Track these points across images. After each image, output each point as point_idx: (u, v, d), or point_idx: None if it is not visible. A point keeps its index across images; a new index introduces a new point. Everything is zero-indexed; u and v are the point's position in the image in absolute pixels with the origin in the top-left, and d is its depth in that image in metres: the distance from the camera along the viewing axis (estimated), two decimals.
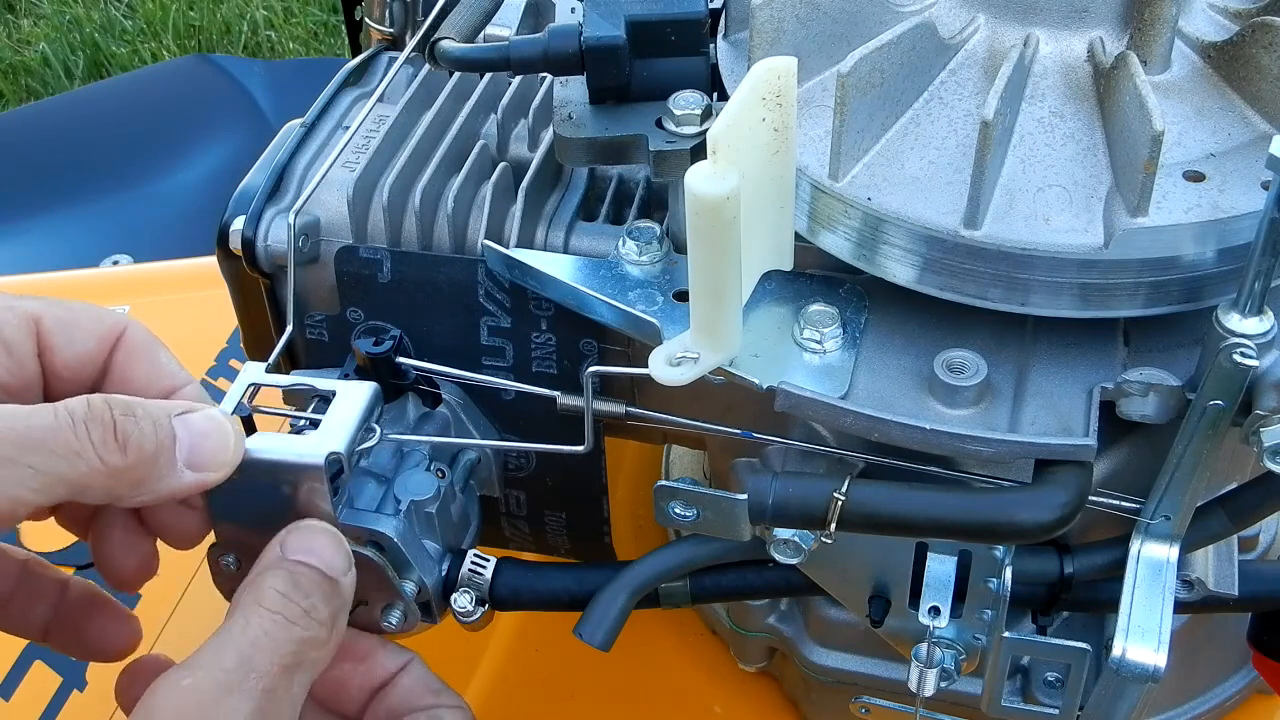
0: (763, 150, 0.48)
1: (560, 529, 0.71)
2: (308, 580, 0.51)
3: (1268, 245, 0.45)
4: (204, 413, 0.52)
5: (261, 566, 0.52)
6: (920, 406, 0.52)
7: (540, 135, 0.67)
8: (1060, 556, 0.57)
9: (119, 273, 1.39)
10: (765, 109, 0.47)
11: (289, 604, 0.50)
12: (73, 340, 0.55)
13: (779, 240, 0.54)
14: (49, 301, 0.56)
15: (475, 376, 0.62)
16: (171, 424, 0.50)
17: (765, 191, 0.50)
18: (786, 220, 0.53)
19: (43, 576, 0.60)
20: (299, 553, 0.52)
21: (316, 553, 0.52)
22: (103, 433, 0.48)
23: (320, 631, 0.51)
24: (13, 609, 0.59)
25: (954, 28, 0.57)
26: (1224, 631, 0.70)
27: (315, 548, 0.53)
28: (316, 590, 0.51)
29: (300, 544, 0.53)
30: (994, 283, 0.51)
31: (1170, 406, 0.51)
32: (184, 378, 0.56)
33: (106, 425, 0.48)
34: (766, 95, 0.47)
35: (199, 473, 0.51)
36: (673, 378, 0.51)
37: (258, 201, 0.64)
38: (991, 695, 0.60)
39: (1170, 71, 0.55)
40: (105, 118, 1.95)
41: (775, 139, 0.48)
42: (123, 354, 0.56)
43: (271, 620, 0.49)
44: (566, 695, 0.80)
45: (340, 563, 0.53)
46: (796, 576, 0.59)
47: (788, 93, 0.47)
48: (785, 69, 0.47)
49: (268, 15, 3.03)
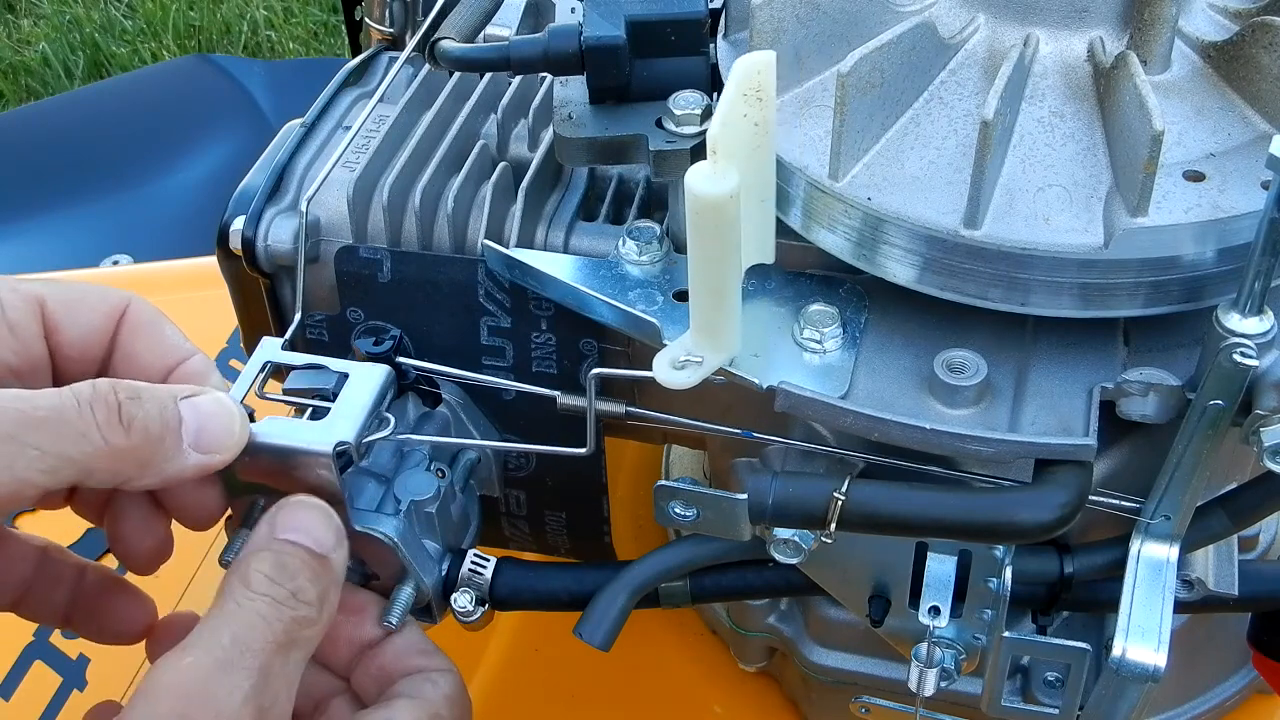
0: (746, 145, 0.48)
1: (560, 529, 0.71)
2: (294, 561, 0.52)
3: (1268, 245, 0.45)
4: (211, 396, 0.53)
5: (251, 546, 0.52)
6: (920, 406, 0.52)
7: (540, 135, 0.67)
8: (1060, 556, 0.57)
9: (119, 273, 1.39)
10: (747, 105, 0.47)
11: (275, 587, 0.51)
12: (77, 320, 0.56)
13: (762, 235, 0.54)
14: (53, 283, 0.56)
15: (475, 376, 0.62)
16: (177, 406, 0.51)
17: (748, 186, 0.50)
18: (769, 215, 0.53)
19: (61, 562, 0.60)
20: (288, 530, 0.52)
21: (305, 529, 0.53)
22: (107, 414, 0.49)
23: (309, 611, 0.51)
24: (33, 595, 0.59)
25: (954, 28, 0.57)
26: (1224, 631, 0.70)
27: (305, 524, 0.53)
28: (303, 570, 0.52)
29: (289, 521, 0.53)
30: (994, 283, 0.51)
31: (1170, 406, 0.51)
32: (189, 349, 0.57)
33: (111, 407, 0.49)
34: (748, 91, 0.47)
35: (205, 455, 0.52)
36: (678, 381, 0.51)
37: (258, 201, 0.64)
38: (991, 695, 0.60)
39: (1170, 71, 0.55)
40: (105, 118, 1.95)
41: (756, 134, 0.48)
42: (128, 330, 0.56)
43: (262, 601, 0.50)
44: (566, 695, 0.80)
45: (329, 538, 0.53)
46: (796, 576, 0.59)
47: (767, 87, 0.47)
48: (765, 63, 0.47)
49: (268, 15, 3.03)
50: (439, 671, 0.56)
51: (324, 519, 0.53)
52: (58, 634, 0.83)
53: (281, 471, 0.54)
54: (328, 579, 0.52)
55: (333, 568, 0.53)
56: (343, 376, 0.56)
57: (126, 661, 0.81)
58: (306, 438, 0.53)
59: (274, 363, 0.58)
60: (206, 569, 0.86)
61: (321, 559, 0.52)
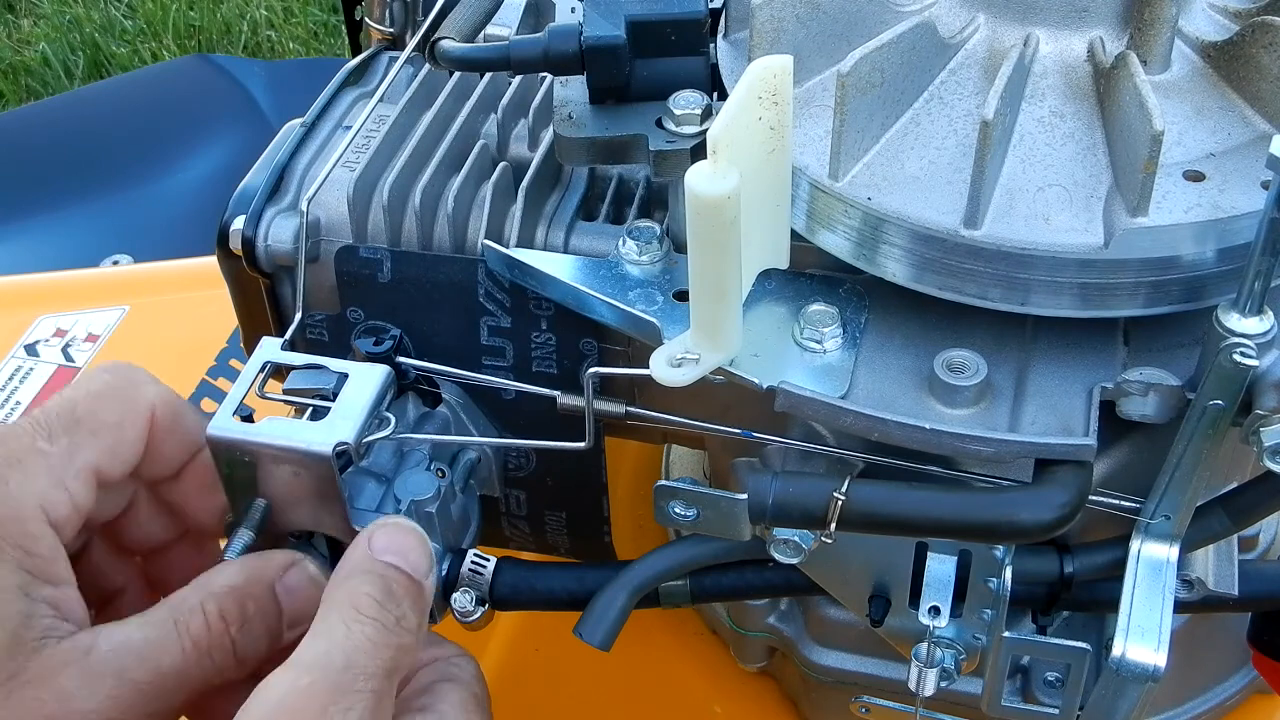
0: (760, 149, 0.48)
1: (560, 529, 0.71)
2: (399, 587, 0.51)
3: (1268, 245, 0.45)
4: (307, 573, 0.54)
5: (351, 566, 0.51)
6: (920, 406, 0.52)
7: (540, 135, 0.67)
8: (1060, 556, 0.57)
9: (119, 273, 1.39)
10: (762, 108, 0.47)
11: (384, 612, 0.49)
12: None
13: (776, 239, 0.54)
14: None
15: (475, 376, 0.62)
16: (282, 626, 0.54)
17: (762, 190, 0.50)
18: (783, 219, 0.53)
19: None
20: (388, 553, 0.51)
21: (404, 553, 0.52)
22: (224, 657, 0.51)
23: (410, 639, 0.50)
24: None
25: (954, 27, 0.57)
26: (1224, 631, 0.70)
27: (403, 547, 0.52)
28: (407, 597, 0.51)
29: (388, 543, 0.52)
30: (994, 282, 0.51)
31: (1170, 406, 0.51)
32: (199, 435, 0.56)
33: (226, 651, 0.51)
34: (763, 94, 0.47)
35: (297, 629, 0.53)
36: (674, 378, 0.51)
37: (258, 201, 0.64)
38: (991, 695, 0.60)
39: (1170, 71, 0.55)
40: (105, 118, 1.95)
41: (772, 137, 0.48)
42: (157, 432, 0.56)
43: (372, 625, 0.49)
44: (566, 695, 0.80)
45: (425, 564, 0.52)
46: (796, 576, 0.59)
47: (784, 91, 0.47)
48: (781, 67, 0.47)
49: (268, 15, 3.04)
50: (458, 655, 0.56)
51: (421, 543, 0.53)
52: None
53: (282, 471, 0.54)
54: (424, 605, 0.52)
55: (427, 594, 0.52)
56: (343, 376, 0.56)
57: None
58: (307, 438, 0.53)
59: (274, 363, 0.58)
60: None
61: (419, 585, 0.51)
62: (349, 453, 0.54)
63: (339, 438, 0.53)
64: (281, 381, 0.58)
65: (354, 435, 0.54)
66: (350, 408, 0.55)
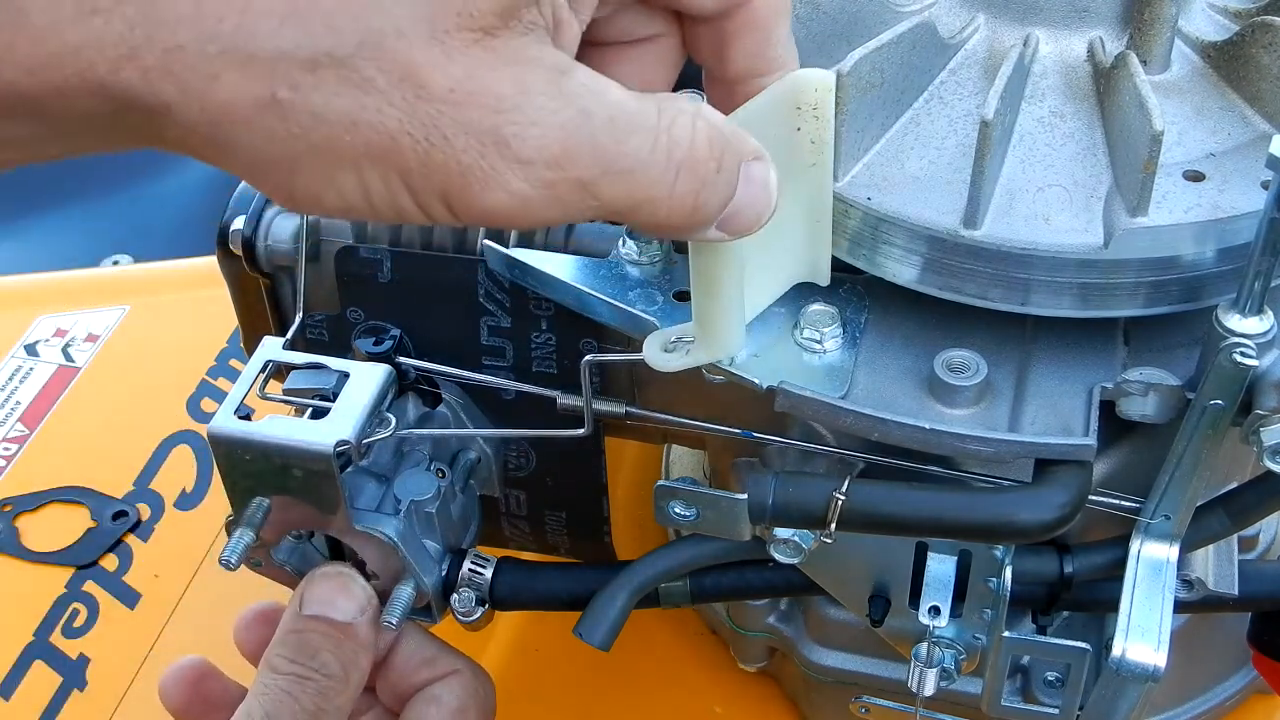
0: (797, 160, 0.48)
1: (560, 529, 0.71)
2: (315, 637, 0.55)
3: (1268, 245, 0.45)
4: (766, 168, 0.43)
5: (280, 628, 0.56)
6: (920, 406, 0.52)
7: None
8: (1060, 556, 0.57)
9: (119, 273, 1.40)
10: (801, 119, 0.47)
11: (297, 666, 0.54)
12: None
13: (814, 254, 0.53)
14: None
15: (475, 376, 0.62)
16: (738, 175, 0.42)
17: (798, 202, 0.50)
18: (823, 235, 0.52)
19: None
20: (311, 605, 0.56)
21: (327, 601, 0.56)
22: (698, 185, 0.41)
23: (333, 682, 0.54)
24: None
25: (954, 27, 0.57)
26: (1224, 631, 0.70)
27: (325, 596, 0.56)
28: (325, 644, 0.55)
29: (312, 595, 0.56)
30: (994, 282, 0.51)
31: (1170, 406, 0.51)
32: None
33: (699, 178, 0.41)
34: (803, 105, 0.46)
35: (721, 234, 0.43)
36: (665, 363, 0.51)
37: (258, 201, 0.64)
38: (991, 695, 0.60)
39: (1170, 71, 0.55)
40: None
41: (812, 151, 0.48)
42: None
43: (286, 679, 0.54)
44: (566, 695, 0.80)
45: (350, 606, 0.56)
46: (796, 576, 0.59)
47: (825, 107, 0.47)
48: (825, 84, 0.46)
49: None
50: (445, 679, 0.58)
51: (343, 587, 0.56)
52: (58, 634, 0.83)
53: (282, 470, 0.54)
54: (351, 646, 0.55)
55: (356, 633, 0.55)
56: (343, 376, 0.56)
57: (127, 661, 0.81)
58: (308, 435, 0.54)
59: (275, 362, 0.58)
60: (207, 569, 0.86)
61: (344, 627, 0.55)
62: (350, 451, 0.54)
63: (340, 435, 0.53)
64: (282, 382, 0.58)
65: (355, 433, 0.54)
66: (351, 406, 0.55)
